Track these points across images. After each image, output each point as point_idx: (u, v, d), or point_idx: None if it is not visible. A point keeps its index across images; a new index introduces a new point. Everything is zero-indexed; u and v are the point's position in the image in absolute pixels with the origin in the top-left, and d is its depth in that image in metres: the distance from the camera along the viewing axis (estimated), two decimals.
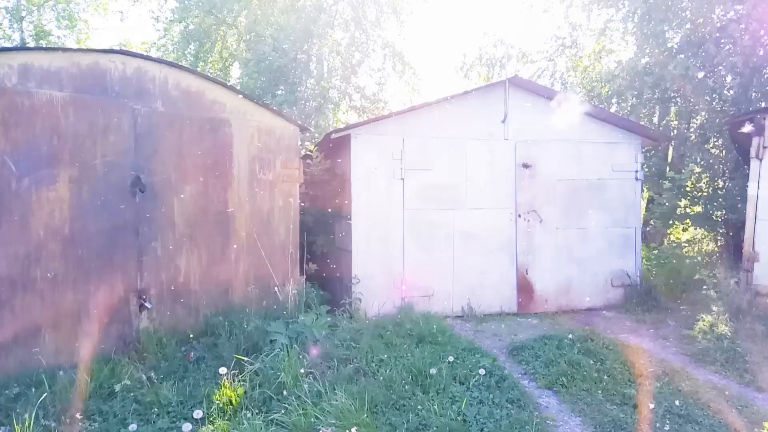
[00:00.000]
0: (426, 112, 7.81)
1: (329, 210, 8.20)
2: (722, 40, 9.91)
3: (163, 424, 4.09)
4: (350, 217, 7.53)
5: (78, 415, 4.09)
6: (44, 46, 17.06)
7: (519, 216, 8.16)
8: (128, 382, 4.64)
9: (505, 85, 8.12)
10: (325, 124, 15.70)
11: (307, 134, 9.89)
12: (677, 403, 4.61)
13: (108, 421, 4.12)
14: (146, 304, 5.68)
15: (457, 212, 7.92)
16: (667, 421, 4.31)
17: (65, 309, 5.20)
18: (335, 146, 8.13)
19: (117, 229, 5.54)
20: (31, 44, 17.76)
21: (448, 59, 38.27)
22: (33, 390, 4.39)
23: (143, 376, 4.77)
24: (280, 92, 14.91)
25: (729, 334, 6.40)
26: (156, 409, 4.29)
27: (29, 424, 3.77)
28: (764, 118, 7.19)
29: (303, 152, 8.37)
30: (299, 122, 7.22)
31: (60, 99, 5.19)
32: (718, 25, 10.00)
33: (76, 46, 19.00)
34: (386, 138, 7.62)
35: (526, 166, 8.15)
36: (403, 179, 7.66)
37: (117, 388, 4.55)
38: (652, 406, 4.54)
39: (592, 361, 5.54)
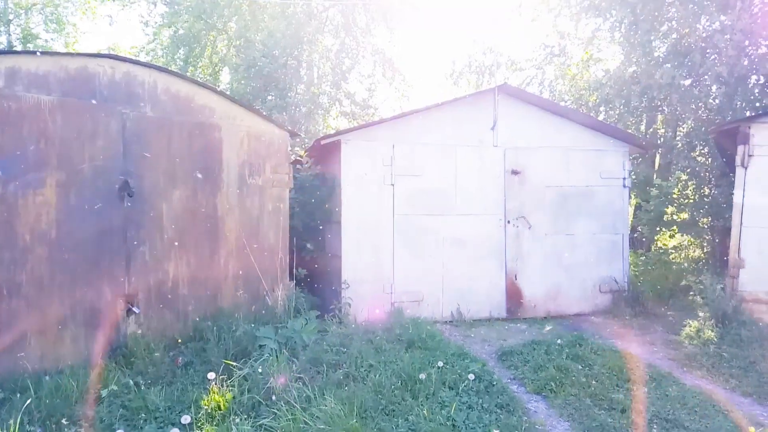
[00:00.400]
0: (416, 119, 7.85)
1: (319, 215, 8.20)
2: (708, 50, 10.07)
3: (150, 429, 4.05)
4: (340, 222, 7.53)
5: (64, 421, 4.03)
6: (32, 49, 16.94)
7: (508, 222, 8.20)
8: (115, 388, 4.59)
9: (494, 92, 8.19)
10: (315, 129, 15.72)
11: (297, 139, 9.90)
12: (665, 407, 4.65)
13: (94, 427, 4.07)
14: (134, 309, 5.63)
15: (446, 218, 7.95)
16: (655, 426, 4.34)
17: (51, 314, 5.14)
18: (325, 152, 8.14)
19: (105, 234, 5.50)
20: (19, 48, 17.62)
21: (438, 66, 38.56)
22: (18, 395, 4.32)
23: (130, 381, 4.72)
24: (270, 97, 14.93)
25: (715, 339, 6.46)
26: (143, 415, 4.25)
27: (14, 429, 3.72)
28: (749, 127, 7.30)
29: (293, 157, 8.38)
30: (289, 127, 7.23)
31: (48, 103, 5.15)
32: (704, 35, 10.16)
33: (64, 50, 18.87)
34: (376, 144, 7.64)
35: (515, 172, 8.21)
36: (393, 185, 7.69)
37: (104, 393, 4.50)
38: (639, 410, 4.57)
39: (580, 366, 5.58)
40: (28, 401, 4.10)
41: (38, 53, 5.55)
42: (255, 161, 6.63)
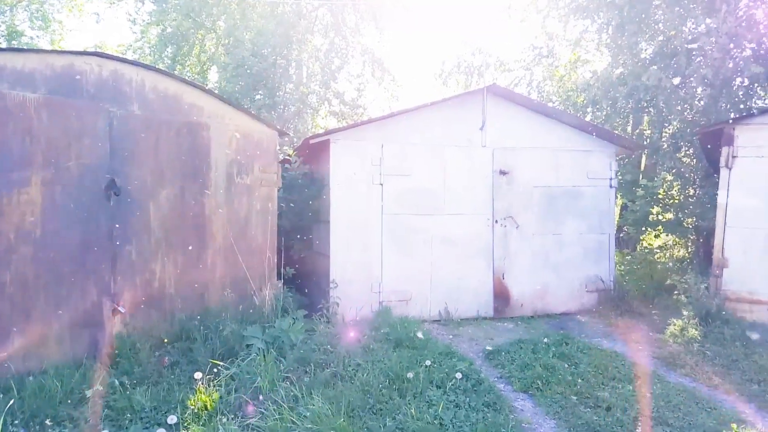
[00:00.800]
0: (405, 119, 7.87)
1: (307, 214, 8.19)
2: (693, 53, 10.18)
3: (136, 429, 4.03)
4: (329, 221, 7.53)
5: (48, 422, 4.00)
6: (17, 47, 16.74)
7: (496, 222, 8.24)
8: (100, 388, 4.55)
9: (483, 93, 8.22)
10: (304, 128, 15.69)
11: (286, 139, 9.88)
12: (649, 405, 4.70)
13: (79, 427, 4.05)
14: (119, 309, 5.58)
15: (435, 218, 7.97)
16: (639, 423, 4.39)
17: (36, 314, 5.09)
18: (314, 151, 8.13)
19: (91, 233, 5.45)
20: (3, 45, 17.41)
21: (427, 67, 38.60)
22: (1, 396, 4.27)
23: (116, 381, 4.69)
24: (259, 97, 14.87)
25: (699, 338, 6.55)
26: (129, 415, 4.23)
27: None
28: (733, 129, 7.40)
29: (281, 157, 8.36)
30: (278, 127, 7.21)
31: (33, 100, 5.10)
32: (690, 37, 10.27)
33: (50, 47, 18.68)
34: (365, 143, 7.65)
35: (503, 172, 8.25)
36: (382, 184, 7.70)
37: (88, 393, 4.45)
38: (624, 408, 4.62)
39: (566, 365, 5.63)
40: (11, 402, 4.06)
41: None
42: (243, 160, 6.62)
